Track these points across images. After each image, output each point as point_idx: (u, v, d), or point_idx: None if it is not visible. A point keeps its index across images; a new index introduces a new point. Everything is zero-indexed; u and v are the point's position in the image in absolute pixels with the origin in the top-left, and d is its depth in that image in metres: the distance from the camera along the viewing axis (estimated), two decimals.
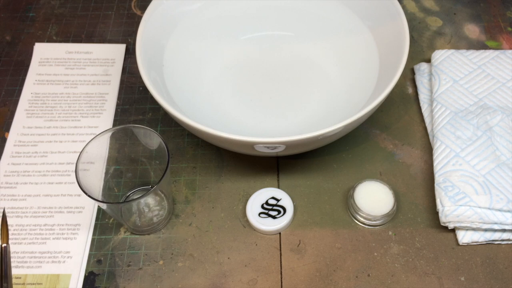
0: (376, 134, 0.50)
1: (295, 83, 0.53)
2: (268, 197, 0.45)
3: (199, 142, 0.50)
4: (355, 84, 0.50)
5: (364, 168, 0.48)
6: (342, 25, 0.53)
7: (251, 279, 0.42)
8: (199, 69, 0.52)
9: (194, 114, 0.46)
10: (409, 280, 0.42)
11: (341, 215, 0.45)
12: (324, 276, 0.42)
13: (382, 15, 0.48)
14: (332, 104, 0.50)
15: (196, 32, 0.52)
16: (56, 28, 0.60)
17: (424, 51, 0.56)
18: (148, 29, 0.47)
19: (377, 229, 0.44)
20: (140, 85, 0.54)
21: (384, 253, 0.43)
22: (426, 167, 0.48)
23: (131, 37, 0.59)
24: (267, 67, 0.54)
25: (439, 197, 0.43)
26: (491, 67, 0.51)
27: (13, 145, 0.50)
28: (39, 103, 0.53)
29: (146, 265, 0.43)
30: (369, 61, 0.49)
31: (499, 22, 0.59)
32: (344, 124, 0.39)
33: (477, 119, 0.47)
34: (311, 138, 0.39)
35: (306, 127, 0.48)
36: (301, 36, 0.55)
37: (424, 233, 0.44)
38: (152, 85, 0.42)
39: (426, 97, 0.51)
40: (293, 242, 0.44)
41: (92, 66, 0.56)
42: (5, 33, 0.60)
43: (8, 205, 0.46)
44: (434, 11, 0.60)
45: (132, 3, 0.63)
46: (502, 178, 0.43)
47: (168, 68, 0.48)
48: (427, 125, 0.50)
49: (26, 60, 0.57)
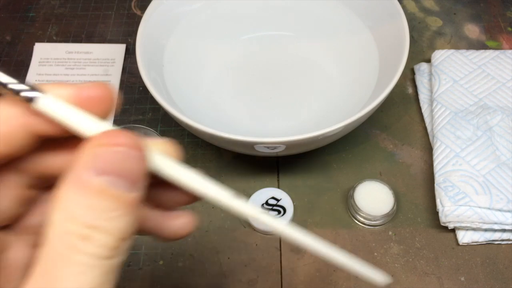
0: (376, 134, 0.50)
1: (295, 83, 0.53)
2: (268, 197, 0.45)
3: (199, 142, 0.50)
4: (355, 84, 0.50)
5: (364, 168, 0.48)
6: (342, 25, 0.53)
7: (251, 279, 0.42)
8: (199, 69, 0.52)
9: (194, 114, 0.46)
10: (409, 280, 0.42)
11: (341, 215, 0.45)
12: (324, 276, 0.42)
13: (382, 15, 0.48)
14: (332, 104, 0.50)
15: (196, 32, 0.52)
16: (56, 28, 0.60)
17: (424, 51, 0.56)
18: (148, 29, 0.47)
19: (377, 229, 0.44)
20: (140, 85, 0.54)
21: (384, 253, 0.43)
22: (426, 167, 0.48)
23: (131, 37, 0.59)
24: (267, 67, 0.54)
25: (439, 197, 0.43)
26: (491, 67, 0.51)
27: None
28: None
29: (146, 265, 0.43)
30: (369, 61, 0.49)
31: (499, 22, 0.59)
32: (344, 124, 0.39)
33: (477, 119, 0.47)
34: (311, 138, 0.39)
35: (306, 127, 0.48)
36: (301, 36, 0.55)
37: (424, 233, 0.44)
38: (152, 85, 0.42)
39: (426, 97, 0.51)
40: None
41: (92, 66, 0.56)
42: (5, 33, 0.60)
43: None
44: (434, 11, 0.60)
45: (132, 3, 0.63)
46: (502, 178, 0.43)
47: (168, 68, 0.48)
48: (427, 125, 0.50)
49: (26, 60, 0.57)
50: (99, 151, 0.17)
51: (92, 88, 0.19)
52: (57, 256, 0.16)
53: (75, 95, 0.19)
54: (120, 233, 0.17)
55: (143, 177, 0.18)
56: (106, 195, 0.17)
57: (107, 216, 0.17)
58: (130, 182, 0.17)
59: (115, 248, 0.17)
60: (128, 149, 0.17)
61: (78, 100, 0.19)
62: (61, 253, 0.16)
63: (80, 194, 0.17)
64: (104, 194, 0.17)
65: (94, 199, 0.17)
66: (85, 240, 0.16)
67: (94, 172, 0.17)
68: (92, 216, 0.17)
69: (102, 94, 0.19)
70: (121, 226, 0.17)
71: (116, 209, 0.17)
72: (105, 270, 0.17)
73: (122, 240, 0.17)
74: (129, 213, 0.17)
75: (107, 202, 0.17)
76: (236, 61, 0.54)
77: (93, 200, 0.17)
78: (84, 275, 0.16)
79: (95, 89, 0.19)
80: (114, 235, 0.17)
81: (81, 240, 0.16)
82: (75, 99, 0.19)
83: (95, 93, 0.19)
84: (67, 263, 0.16)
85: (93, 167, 0.17)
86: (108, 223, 0.17)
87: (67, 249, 0.16)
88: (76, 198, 0.17)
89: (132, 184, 0.18)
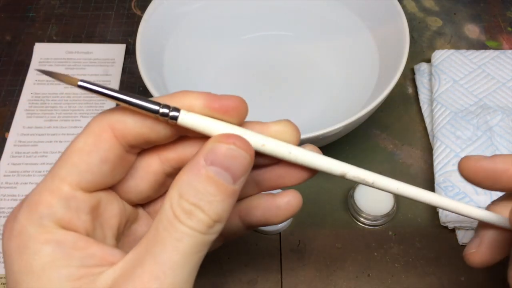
0: (376, 134, 0.50)
1: (295, 83, 0.53)
2: None
3: None
4: (355, 84, 0.50)
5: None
6: (342, 25, 0.53)
7: (251, 279, 0.42)
8: (199, 69, 0.52)
9: None
10: (409, 280, 0.42)
11: (341, 215, 0.45)
12: (324, 276, 0.42)
13: (382, 15, 0.48)
14: (332, 104, 0.50)
15: (196, 32, 0.52)
16: (56, 28, 0.60)
17: (424, 51, 0.56)
18: (148, 29, 0.47)
19: (377, 229, 0.44)
20: (140, 85, 0.54)
21: (384, 253, 0.43)
22: (426, 167, 0.48)
23: (131, 37, 0.59)
24: (267, 67, 0.54)
25: None
26: (491, 67, 0.51)
27: (13, 145, 0.50)
28: (39, 103, 0.53)
29: None
30: (369, 61, 0.49)
31: (499, 22, 0.59)
32: (344, 124, 0.39)
33: (477, 119, 0.47)
34: (311, 138, 0.39)
35: (306, 127, 0.48)
36: (301, 36, 0.55)
37: (424, 233, 0.44)
38: (152, 85, 0.42)
39: (426, 97, 0.51)
40: (293, 242, 0.44)
41: (92, 66, 0.56)
42: (5, 33, 0.60)
43: (8, 205, 0.46)
44: (434, 11, 0.60)
45: (132, 3, 0.63)
46: None
47: (168, 68, 0.48)
48: (427, 125, 0.50)
49: (26, 60, 0.57)
50: (216, 146, 0.21)
51: (225, 99, 0.24)
52: (166, 222, 0.21)
53: (207, 105, 0.23)
54: (215, 215, 0.21)
55: (246, 175, 0.22)
56: (212, 182, 0.21)
57: (208, 199, 0.21)
58: (233, 176, 0.21)
59: (209, 227, 0.21)
60: (238, 150, 0.21)
61: (210, 109, 0.23)
62: (169, 220, 0.21)
63: (193, 177, 0.21)
64: (210, 181, 0.21)
65: (202, 183, 0.21)
66: (188, 214, 0.21)
67: (207, 162, 0.21)
68: (197, 196, 0.21)
69: (234, 105, 0.24)
70: (218, 210, 0.21)
71: (216, 195, 0.21)
72: (197, 242, 0.21)
73: (216, 221, 0.21)
74: (226, 200, 0.21)
75: (211, 187, 0.21)
76: (236, 61, 0.54)
77: (201, 184, 0.21)
78: (180, 242, 0.20)
79: (227, 100, 0.24)
80: (210, 216, 0.21)
81: (184, 213, 0.21)
82: (207, 108, 0.23)
83: (227, 103, 0.24)
84: (171, 228, 0.21)
85: (207, 158, 0.21)
86: (207, 205, 0.21)
87: (174, 218, 0.21)
88: (189, 179, 0.21)
89: (234, 178, 0.21)
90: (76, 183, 0.22)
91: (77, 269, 0.21)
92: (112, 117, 0.23)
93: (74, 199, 0.22)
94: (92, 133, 0.23)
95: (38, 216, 0.21)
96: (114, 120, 0.23)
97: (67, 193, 0.22)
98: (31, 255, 0.21)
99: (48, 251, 0.21)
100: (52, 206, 0.21)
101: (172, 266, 0.20)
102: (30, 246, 0.21)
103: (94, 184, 0.23)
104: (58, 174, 0.22)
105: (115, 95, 0.22)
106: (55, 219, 0.21)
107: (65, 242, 0.21)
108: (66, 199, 0.22)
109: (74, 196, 0.22)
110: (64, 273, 0.20)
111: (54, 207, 0.21)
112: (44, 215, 0.21)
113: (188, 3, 0.51)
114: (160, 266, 0.20)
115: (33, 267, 0.20)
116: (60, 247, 0.21)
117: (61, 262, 0.21)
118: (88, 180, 0.22)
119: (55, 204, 0.21)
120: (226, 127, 0.23)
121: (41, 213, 0.21)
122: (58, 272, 0.20)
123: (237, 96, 0.24)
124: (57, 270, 0.20)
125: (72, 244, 0.21)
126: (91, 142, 0.23)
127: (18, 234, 0.21)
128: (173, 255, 0.20)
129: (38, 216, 0.21)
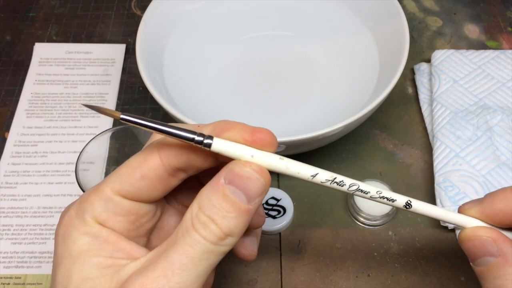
0: (376, 134, 0.50)
1: (295, 83, 0.53)
2: (268, 197, 0.45)
3: None
4: (355, 84, 0.50)
5: (364, 168, 0.48)
6: (342, 25, 0.53)
7: (251, 279, 0.42)
8: (199, 69, 0.52)
9: (194, 114, 0.46)
10: (409, 280, 0.42)
11: (341, 215, 0.45)
12: (324, 276, 0.42)
13: (382, 15, 0.48)
14: (332, 104, 0.50)
15: (196, 32, 0.52)
16: (56, 28, 0.60)
17: (424, 51, 0.56)
18: (148, 29, 0.47)
19: (377, 229, 0.44)
20: (140, 85, 0.54)
21: (384, 253, 0.43)
22: (426, 167, 0.48)
23: (131, 37, 0.59)
24: (267, 67, 0.54)
25: (439, 197, 0.43)
26: (491, 67, 0.51)
27: (13, 145, 0.50)
28: (39, 103, 0.53)
29: None
30: (369, 61, 0.49)
31: (499, 22, 0.59)
32: (344, 124, 0.39)
33: (477, 119, 0.47)
34: (311, 138, 0.39)
35: (306, 127, 0.48)
36: (301, 36, 0.55)
37: (424, 233, 0.44)
38: (152, 85, 0.42)
39: (426, 97, 0.51)
40: (293, 242, 0.44)
41: (92, 66, 0.56)
42: (5, 33, 0.60)
43: (8, 205, 0.46)
44: (434, 11, 0.60)
45: (132, 3, 0.63)
46: (502, 178, 0.43)
47: (168, 68, 0.48)
48: (427, 125, 0.50)
49: (26, 60, 0.57)
50: (235, 167, 0.24)
51: (260, 133, 0.25)
52: (184, 228, 0.23)
53: (243, 138, 0.25)
54: (227, 229, 0.23)
55: (261, 197, 0.24)
56: (227, 199, 0.23)
57: (222, 214, 0.23)
58: (247, 196, 0.24)
59: (220, 239, 0.23)
60: (253, 173, 0.24)
61: (246, 141, 0.25)
62: (187, 228, 0.23)
63: (212, 192, 0.23)
64: (226, 198, 0.23)
65: (218, 199, 0.23)
66: (203, 224, 0.23)
67: (226, 180, 0.23)
68: (213, 210, 0.23)
69: (263, 137, 0.25)
70: (230, 225, 0.23)
71: (230, 212, 0.23)
72: (207, 250, 0.23)
73: (228, 235, 0.23)
74: (239, 217, 0.23)
75: (226, 204, 0.23)
76: (236, 61, 0.54)
77: (217, 200, 0.23)
78: (192, 247, 0.23)
79: (262, 134, 0.25)
80: (221, 229, 0.23)
81: (200, 224, 0.23)
82: (243, 140, 0.25)
83: (262, 137, 0.25)
84: (187, 235, 0.23)
85: (226, 177, 0.24)
86: (221, 219, 0.23)
87: (191, 226, 0.23)
88: (208, 194, 0.24)
89: (249, 198, 0.24)
90: (117, 190, 0.25)
91: (106, 259, 0.24)
92: (162, 141, 0.26)
93: (112, 202, 0.25)
94: (144, 152, 0.26)
95: (83, 210, 0.25)
96: (162, 144, 0.25)
97: (108, 196, 0.25)
98: (71, 242, 0.24)
99: (85, 241, 0.24)
100: (94, 204, 0.25)
101: (181, 267, 0.23)
102: (72, 235, 0.24)
103: (132, 195, 0.25)
104: (108, 179, 0.25)
105: (154, 126, 0.24)
106: (94, 215, 0.25)
107: (100, 235, 0.24)
108: (106, 200, 0.25)
109: (113, 199, 0.25)
110: (95, 261, 0.24)
111: (95, 205, 0.25)
112: (87, 210, 0.25)
113: (188, 3, 0.51)
114: (170, 265, 0.23)
115: (71, 252, 0.24)
116: (95, 239, 0.24)
117: (94, 252, 0.24)
118: (127, 190, 0.25)
119: (96, 203, 0.25)
120: (249, 151, 0.25)
121: (85, 208, 0.25)
122: (91, 260, 0.24)
123: (267, 130, 0.25)
124: (90, 258, 0.24)
125: (105, 238, 0.24)
126: (139, 160, 0.25)
127: (66, 223, 0.25)
128: (183, 258, 0.23)
129: (82, 210, 0.25)
